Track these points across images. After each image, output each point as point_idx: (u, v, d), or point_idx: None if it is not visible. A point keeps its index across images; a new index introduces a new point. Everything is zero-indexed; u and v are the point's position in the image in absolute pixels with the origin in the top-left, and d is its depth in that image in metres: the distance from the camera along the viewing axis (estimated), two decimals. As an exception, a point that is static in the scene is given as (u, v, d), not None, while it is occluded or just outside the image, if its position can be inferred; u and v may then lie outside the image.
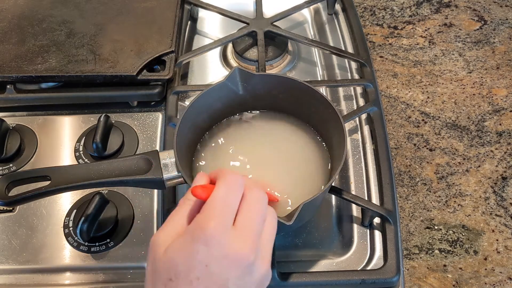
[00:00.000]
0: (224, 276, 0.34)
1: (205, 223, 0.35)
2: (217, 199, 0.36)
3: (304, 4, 0.78)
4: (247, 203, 0.37)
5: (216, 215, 0.35)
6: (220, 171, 0.39)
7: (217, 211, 0.35)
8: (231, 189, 0.37)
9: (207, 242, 0.34)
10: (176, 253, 0.35)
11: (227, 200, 0.36)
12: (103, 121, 0.60)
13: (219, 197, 0.36)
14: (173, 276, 0.34)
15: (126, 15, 0.72)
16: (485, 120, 0.76)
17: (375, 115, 0.63)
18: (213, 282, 0.34)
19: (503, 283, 0.62)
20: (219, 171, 0.39)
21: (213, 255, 0.34)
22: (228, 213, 0.36)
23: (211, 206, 0.36)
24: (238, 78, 0.55)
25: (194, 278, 0.34)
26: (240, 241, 0.35)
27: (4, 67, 0.64)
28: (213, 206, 0.36)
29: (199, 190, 0.37)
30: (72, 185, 0.47)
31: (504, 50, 0.86)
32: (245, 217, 0.36)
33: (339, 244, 0.56)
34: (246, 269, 0.35)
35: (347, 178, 0.61)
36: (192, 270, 0.34)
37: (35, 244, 0.55)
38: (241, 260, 0.35)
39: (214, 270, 0.34)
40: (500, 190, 0.69)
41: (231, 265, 0.35)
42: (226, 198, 0.36)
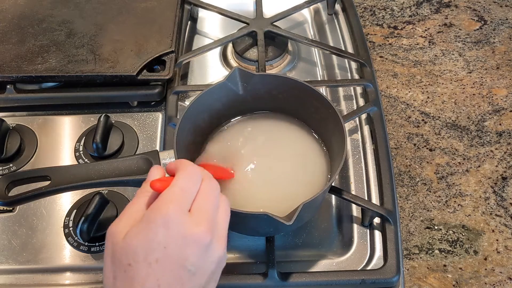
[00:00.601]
0: (183, 256, 0.35)
1: (163, 206, 0.36)
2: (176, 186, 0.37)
3: (304, 4, 0.78)
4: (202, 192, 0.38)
5: (174, 199, 0.36)
6: (180, 162, 0.40)
7: (175, 196, 0.36)
8: (191, 178, 0.38)
9: (165, 224, 0.35)
10: (134, 238, 0.35)
11: (185, 187, 0.37)
12: (103, 121, 0.60)
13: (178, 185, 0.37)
14: (132, 260, 0.34)
15: (126, 15, 0.72)
16: (485, 120, 0.76)
17: (375, 115, 0.63)
18: (171, 262, 0.35)
19: (503, 283, 0.62)
20: (179, 162, 0.40)
21: (171, 236, 0.35)
22: (185, 198, 0.37)
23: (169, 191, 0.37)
24: (238, 78, 0.55)
25: (153, 260, 0.34)
26: (197, 223, 0.36)
27: (4, 67, 0.64)
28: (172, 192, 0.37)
29: (157, 183, 0.38)
30: (72, 185, 0.47)
31: (504, 50, 0.86)
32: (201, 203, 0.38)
33: (339, 244, 0.56)
34: (204, 248, 0.36)
35: (347, 178, 0.61)
36: (150, 252, 0.34)
37: (35, 244, 0.55)
38: (199, 240, 0.36)
39: (173, 251, 0.35)
40: (500, 190, 0.69)
41: (189, 245, 0.35)
42: (184, 185, 0.37)
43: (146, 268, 0.34)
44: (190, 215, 0.36)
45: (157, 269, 0.34)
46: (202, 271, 0.36)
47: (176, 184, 0.37)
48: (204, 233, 0.36)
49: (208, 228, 0.36)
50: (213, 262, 0.37)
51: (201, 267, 0.36)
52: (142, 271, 0.34)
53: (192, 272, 0.36)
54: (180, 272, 0.35)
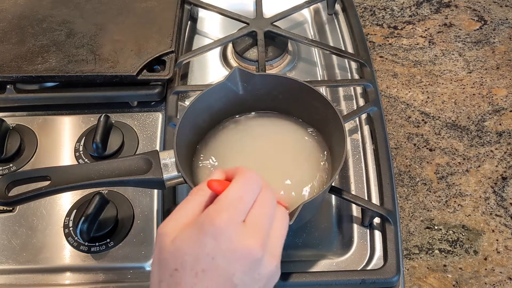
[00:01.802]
0: (231, 271, 0.34)
1: (217, 215, 0.34)
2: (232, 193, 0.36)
3: (304, 4, 0.78)
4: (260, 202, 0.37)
5: (228, 208, 0.35)
6: (240, 168, 0.38)
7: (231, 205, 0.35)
8: (249, 186, 0.37)
9: (215, 235, 0.34)
10: (183, 244, 0.34)
11: (243, 196, 0.36)
12: (103, 121, 0.60)
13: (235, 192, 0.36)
14: (179, 266, 0.34)
15: (126, 15, 0.72)
16: (485, 120, 0.76)
17: (375, 115, 0.63)
18: (218, 275, 0.34)
19: (503, 283, 0.62)
20: (239, 168, 0.39)
21: (221, 248, 0.34)
22: (241, 208, 0.35)
23: (225, 199, 0.35)
24: (238, 78, 0.55)
25: (200, 270, 0.33)
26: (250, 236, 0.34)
27: (4, 67, 0.64)
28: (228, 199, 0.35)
29: (215, 183, 0.37)
30: (72, 185, 0.47)
31: (504, 50, 0.86)
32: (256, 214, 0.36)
33: (339, 244, 0.56)
34: (253, 264, 0.34)
35: (347, 178, 0.61)
36: (198, 261, 0.34)
37: (35, 244, 0.55)
38: (249, 255, 0.34)
39: (221, 263, 0.34)
40: (500, 190, 0.69)
41: (238, 260, 0.34)
42: (242, 193, 0.36)
43: (192, 277, 0.33)
44: (244, 227, 0.35)
45: (203, 280, 0.33)
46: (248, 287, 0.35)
47: (233, 189, 0.36)
48: (255, 248, 0.34)
49: (261, 243, 0.35)
50: (261, 279, 0.35)
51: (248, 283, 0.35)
52: (188, 279, 0.33)
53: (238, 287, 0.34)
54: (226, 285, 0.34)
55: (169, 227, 0.36)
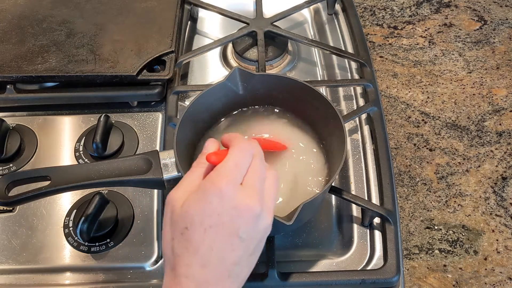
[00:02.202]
0: (235, 225, 0.38)
1: (218, 179, 0.39)
2: (230, 162, 0.40)
3: (304, 4, 0.78)
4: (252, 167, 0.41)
5: (228, 174, 0.39)
6: (234, 137, 0.43)
7: (229, 171, 0.39)
8: (243, 155, 0.41)
9: (219, 195, 0.38)
10: (191, 205, 0.38)
11: (238, 163, 0.40)
12: (103, 121, 0.60)
13: (231, 161, 0.40)
14: (189, 224, 0.38)
15: (126, 15, 0.72)
16: (485, 120, 0.76)
17: (375, 115, 0.63)
18: (224, 229, 0.38)
19: (503, 283, 0.62)
20: (232, 137, 0.43)
21: (225, 206, 0.38)
22: (238, 173, 0.40)
23: (224, 166, 0.40)
24: (238, 78, 0.55)
25: (208, 226, 0.38)
26: (248, 195, 0.39)
27: (4, 67, 0.64)
28: (226, 167, 0.40)
29: (213, 157, 0.41)
30: (72, 185, 0.47)
31: (504, 50, 0.86)
32: (251, 178, 0.40)
33: (339, 244, 0.56)
34: (254, 218, 0.39)
35: (347, 178, 0.61)
36: (205, 219, 0.38)
37: (35, 244, 0.55)
38: (250, 211, 0.39)
39: (226, 219, 0.38)
40: (500, 190, 0.69)
41: (240, 215, 0.38)
42: (237, 161, 0.40)
43: (202, 233, 0.38)
44: (242, 188, 0.39)
45: (211, 234, 0.38)
46: (250, 239, 0.39)
47: (230, 159, 0.40)
48: (255, 204, 0.39)
49: (258, 200, 0.39)
50: (260, 231, 0.40)
51: (251, 235, 0.39)
52: (197, 234, 0.38)
53: (242, 239, 0.38)
54: (231, 238, 0.38)
55: (178, 194, 0.40)
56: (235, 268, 0.39)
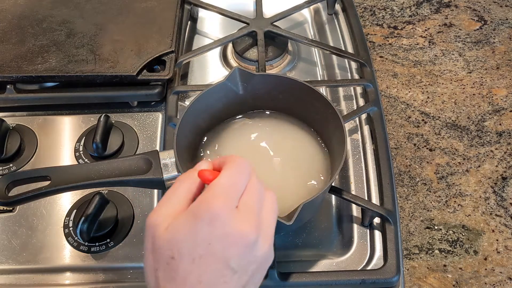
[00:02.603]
0: (227, 255, 0.34)
1: (212, 201, 0.34)
2: (225, 180, 0.36)
3: (304, 4, 0.78)
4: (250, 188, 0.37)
5: (222, 195, 0.35)
6: (228, 157, 0.39)
7: (224, 192, 0.35)
8: (240, 173, 0.37)
9: (211, 221, 0.34)
10: (178, 231, 0.34)
11: (235, 183, 0.36)
12: (103, 121, 0.60)
13: (227, 179, 0.36)
14: (176, 254, 0.34)
15: (126, 15, 0.72)
16: (485, 120, 0.76)
17: (375, 115, 0.63)
18: (215, 260, 0.34)
19: (503, 283, 0.62)
20: (227, 157, 0.39)
21: (217, 233, 0.34)
22: (234, 195, 0.36)
23: (218, 186, 0.36)
24: (238, 78, 0.55)
25: (197, 256, 0.34)
26: (244, 221, 0.35)
27: (4, 67, 0.64)
28: (221, 186, 0.36)
29: (206, 173, 0.37)
30: (72, 185, 0.47)
31: (504, 50, 0.86)
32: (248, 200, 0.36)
33: (339, 244, 0.56)
34: (248, 247, 0.35)
35: (347, 178, 0.61)
36: (195, 248, 0.34)
37: (35, 244, 0.55)
38: (244, 238, 0.35)
39: (217, 248, 0.34)
40: (500, 190, 0.69)
41: (234, 244, 0.34)
42: (234, 180, 0.36)
43: (190, 264, 0.34)
44: (237, 212, 0.35)
45: (200, 265, 0.34)
46: (244, 270, 0.35)
47: (225, 176, 0.36)
48: (250, 231, 0.35)
49: (255, 226, 0.35)
50: (256, 261, 0.36)
51: (244, 265, 0.35)
52: (185, 265, 0.34)
53: (235, 271, 0.35)
54: (222, 270, 0.34)
55: (160, 216, 0.36)
56: None
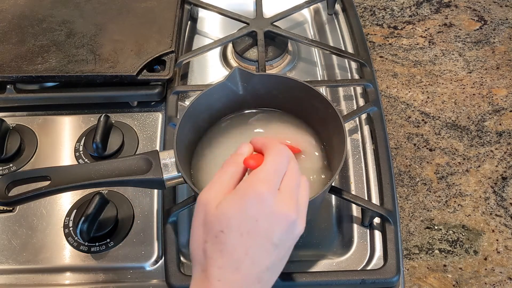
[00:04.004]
0: (271, 231, 0.38)
1: (258, 184, 0.38)
2: (269, 166, 0.40)
3: (304, 4, 0.78)
4: (290, 172, 0.41)
5: (267, 179, 0.39)
6: (269, 141, 0.43)
7: (268, 176, 0.39)
8: (281, 160, 0.41)
9: (258, 201, 0.38)
10: (229, 208, 0.38)
11: (277, 168, 0.40)
12: (103, 121, 0.60)
13: (270, 165, 0.40)
14: (225, 228, 0.37)
15: (126, 15, 0.72)
16: (485, 120, 0.76)
17: (375, 115, 0.63)
18: (261, 235, 0.38)
19: (503, 283, 0.62)
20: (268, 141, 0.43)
21: (263, 212, 0.38)
22: (277, 178, 0.40)
23: (264, 170, 0.40)
24: (238, 78, 0.55)
25: (245, 231, 0.37)
26: (286, 203, 0.39)
27: (4, 67, 0.64)
28: (266, 171, 0.40)
29: (251, 161, 0.41)
30: (72, 185, 0.47)
31: (504, 50, 0.86)
32: (288, 183, 0.40)
33: (339, 244, 0.56)
34: (290, 226, 0.39)
35: (347, 178, 0.61)
36: (243, 223, 0.38)
37: (35, 244, 0.55)
38: (287, 218, 0.39)
39: (263, 225, 0.38)
40: (500, 190, 0.69)
41: (278, 222, 0.38)
42: (276, 166, 0.40)
43: (237, 237, 0.37)
44: (280, 194, 0.39)
45: (247, 239, 0.38)
46: (283, 245, 0.39)
47: (269, 163, 0.40)
48: (292, 212, 0.39)
49: (295, 207, 0.39)
50: (294, 238, 0.40)
51: (284, 241, 0.39)
52: (233, 239, 0.37)
53: (276, 245, 0.38)
54: (266, 244, 0.38)
55: (211, 194, 0.39)
56: (267, 273, 0.39)
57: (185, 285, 0.50)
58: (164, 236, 0.54)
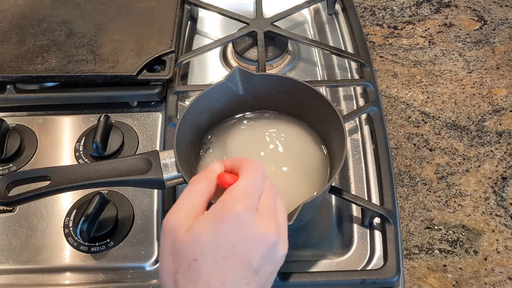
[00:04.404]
0: (250, 256, 0.35)
1: (235, 203, 0.35)
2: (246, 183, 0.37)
3: (304, 4, 0.78)
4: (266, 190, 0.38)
5: (245, 197, 0.36)
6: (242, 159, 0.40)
7: (246, 194, 0.36)
8: (258, 176, 0.38)
9: (235, 223, 0.34)
10: (202, 233, 0.34)
11: (255, 185, 0.37)
12: (103, 121, 0.60)
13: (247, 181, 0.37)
14: (199, 255, 0.34)
15: (126, 15, 0.72)
16: (485, 120, 0.76)
17: (375, 115, 0.63)
18: (238, 261, 0.34)
19: (503, 283, 0.62)
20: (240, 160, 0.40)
21: (241, 235, 0.35)
22: (255, 196, 0.37)
23: (240, 188, 0.37)
24: (238, 78, 0.55)
25: (220, 258, 0.34)
26: (266, 223, 0.36)
27: (4, 67, 0.64)
28: (243, 188, 0.37)
29: (226, 176, 0.39)
30: (72, 185, 0.47)
31: (504, 50, 0.86)
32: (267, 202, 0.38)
33: (339, 244, 0.56)
34: (271, 249, 0.36)
35: (347, 178, 0.61)
36: (219, 249, 0.34)
37: (35, 244, 0.55)
38: (267, 240, 0.36)
39: (241, 249, 0.35)
40: (500, 190, 0.69)
41: (257, 245, 0.35)
42: (253, 183, 0.37)
43: (213, 265, 0.34)
44: (259, 214, 0.36)
45: (223, 267, 0.34)
46: (264, 271, 0.36)
47: (244, 180, 0.37)
48: (272, 233, 0.36)
49: (275, 227, 0.36)
50: (275, 262, 0.37)
51: (265, 266, 0.36)
52: (208, 267, 0.34)
53: (256, 271, 0.35)
54: (245, 271, 0.35)
55: (179, 218, 0.36)
56: None
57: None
58: (164, 236, 0.54)
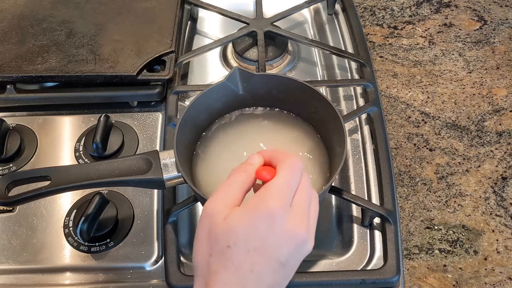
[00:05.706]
0: (279, 250, 0.37)
1: (270, 200, 0.37)
2: (281, 180, 0.38)
3: (304, 4, 0.78)
4: (301, 188, 0.40)
5: (280, 195, 0.37)
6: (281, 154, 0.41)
7: (281, 192, 0.38)
8: (294, 173, 0.39)
9: (268, 218, 0.36)
10: (238, 223, 0.37)
11: (290, 183, 0.39)
12: (103, 121, 0.60)
13: (283, 179, 0.39)
14: (232, 243, 0.36)
15: (126, 15, 0.72)
16: (485, 120, 0.76)
17: (375, 115, 0.63)
18: (268, 253, 0.37)
19: (503, 283, 0.62)
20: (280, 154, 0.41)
21: (273, 230, 0.37)
22: (290, 194, 0.38)
23: (276, 185, 0.38)
24: (238, 78, 0.55)
25: (252, 248, 0.36)
26: (297, 221, 0.38)
27: (4, 67, 0.64)
28: (278, 186, 0.38)
29: (264, 172, 0.40)
30: (72, 185, 0.47)
31: (504, 50, 0.86)
32: (301, 200, 0.39)
33: (339, 244, 0.56)
34: (299, 246, 0.38)
35: (347, 178, 0.61)
36: (251, 240, 0.36)
37: (35, 244, 0.55)
38: (297, 238, 0.37)
39: (271, 244, 0.37)
40: (500, 190, 0.69)
41: (287, 242, 0.37)
42: (289, 181, 0.39)
43: (244, 254, 0.36)
44: (292, 211, 0.38)
45: (253, 257, 0.36)
46: (291, 265, 0.38)
47: (282, 177, 0.39)
48: (303, 232, 0.38)
49: (306, 227, 0.38)
50: (301, 258, 0.39)
51: (292, 261, 0.38)
52: (239, 255, 0.36)
53: (283, 265, 0.37)
54: (273, 263, 0.37)
55: (219, 205, 0.38)
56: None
57: (185, 285, 0.50)
58: (164, 236, 0.54)
